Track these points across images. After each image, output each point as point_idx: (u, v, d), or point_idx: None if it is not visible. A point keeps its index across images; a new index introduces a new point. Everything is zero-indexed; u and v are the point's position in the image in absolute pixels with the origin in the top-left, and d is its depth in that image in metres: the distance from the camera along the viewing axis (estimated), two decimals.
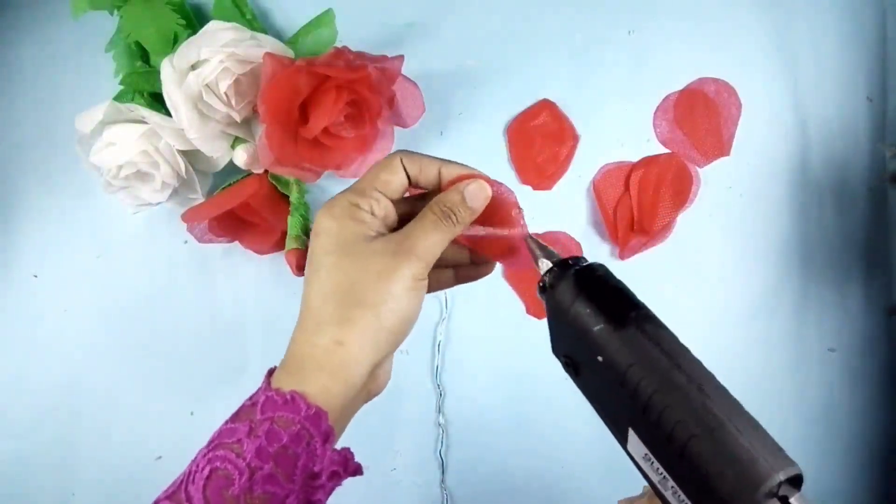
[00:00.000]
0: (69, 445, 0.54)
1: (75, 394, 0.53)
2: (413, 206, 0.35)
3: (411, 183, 0.34)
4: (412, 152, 0.34)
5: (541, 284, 0.32)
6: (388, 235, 0.33)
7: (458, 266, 0.37)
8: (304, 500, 0.29)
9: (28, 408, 0.53)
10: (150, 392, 0.54)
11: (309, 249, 0.33)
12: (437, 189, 0.34)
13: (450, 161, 0.34)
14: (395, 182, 0.33)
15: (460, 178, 0.34)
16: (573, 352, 0.31)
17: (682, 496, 0.25)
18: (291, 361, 0.31)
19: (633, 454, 0.28)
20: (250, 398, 0.31)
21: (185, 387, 0.54)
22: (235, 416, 0.30)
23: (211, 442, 0.30)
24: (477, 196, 0.33)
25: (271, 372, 0.32)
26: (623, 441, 0.28)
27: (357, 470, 0.31)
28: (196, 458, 0.30)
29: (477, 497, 0.56)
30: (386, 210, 0.33)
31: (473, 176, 0.34)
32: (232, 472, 0.28)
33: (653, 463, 0.26)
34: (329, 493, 0.30)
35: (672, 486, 0.25)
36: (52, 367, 0.53)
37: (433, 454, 0.56)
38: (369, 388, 0.33)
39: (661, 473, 0.26)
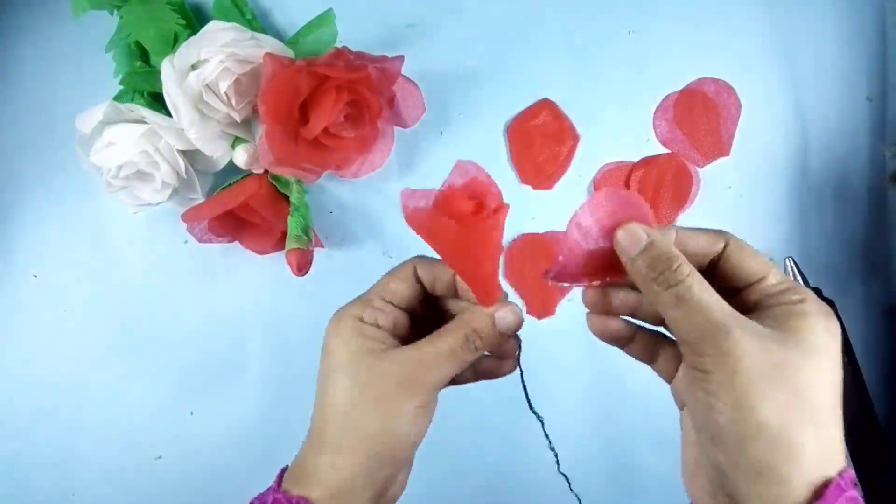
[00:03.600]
0: (69, 445, 0.54)
1: (75, 393, 0.53)
2: (433, 305, 0.34)
3: (427, 291, 0.33)
4: (429, 258, 0.33)
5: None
6: (398, 353, 0.31)
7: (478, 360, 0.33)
8: None
9: (28, 407, 0.53)
10: (150, 391, 0.54)
11: (319, 365, 0.32)
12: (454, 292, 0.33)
13: None
14: (405, 292, 0.32)
15: (480, 289, 0.31)
16: None
17: None
18: (298, 471, 0.31)
19: None
20: (259, 497, 0.31)
21: (184, 386, 0.54)
22: None
23: None
24: (508, 323, 0.31)
25: (283, 471, 0.32)
26: None
27: None
28: None
29: (477, 497, 0.56)
30: (394, 321, 0.32)
31: (491, 285, 0.31)
32: None
33: None
34: None
35: None
36: (52, 367, 0.53)
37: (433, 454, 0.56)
38: (385, 496, 0.32)
39: None
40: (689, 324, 0.27)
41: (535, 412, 0.35)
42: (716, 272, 0.30)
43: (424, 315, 0.34)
